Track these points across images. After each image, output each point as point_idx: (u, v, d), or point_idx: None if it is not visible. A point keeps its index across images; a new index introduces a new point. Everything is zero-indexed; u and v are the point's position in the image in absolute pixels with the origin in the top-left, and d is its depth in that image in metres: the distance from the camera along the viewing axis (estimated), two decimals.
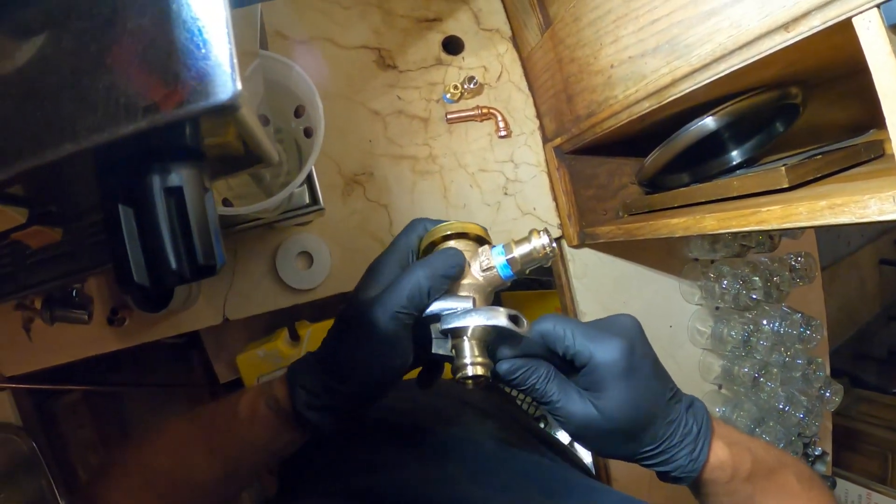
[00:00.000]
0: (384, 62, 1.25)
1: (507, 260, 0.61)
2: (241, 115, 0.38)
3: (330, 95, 1.21)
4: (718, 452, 0.64)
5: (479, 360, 0.56)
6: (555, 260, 1.32)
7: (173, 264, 0.44)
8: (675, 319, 1.38)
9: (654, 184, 1.16)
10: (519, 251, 0.61)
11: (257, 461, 0.68)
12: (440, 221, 0.66)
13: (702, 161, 1.08)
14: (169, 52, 0.37)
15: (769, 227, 0.75)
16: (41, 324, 1.10)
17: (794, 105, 0.92)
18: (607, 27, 0.95)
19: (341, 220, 1.19)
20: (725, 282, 1.30)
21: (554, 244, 0.61)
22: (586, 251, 1.30)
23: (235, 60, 0.36)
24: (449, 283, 0.60)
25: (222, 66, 0.36)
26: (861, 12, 0.57)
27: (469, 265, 0.62)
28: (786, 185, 0.80)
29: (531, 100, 1.30)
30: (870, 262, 3.02)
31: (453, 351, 0.58)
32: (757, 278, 1.30)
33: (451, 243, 0.63)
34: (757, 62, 0.71)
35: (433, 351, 0.62)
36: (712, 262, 1.37)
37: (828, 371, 1.47)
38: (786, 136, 1.00)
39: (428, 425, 0.86)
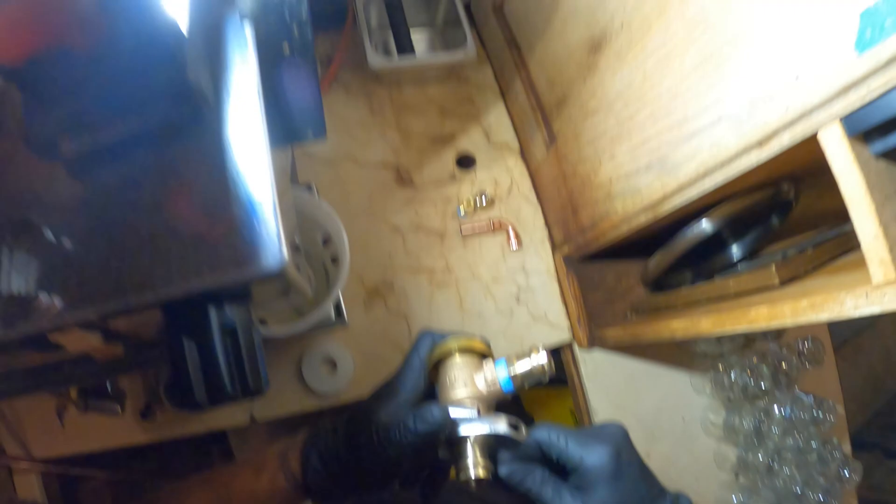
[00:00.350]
0: (402, 179, 1.35)
1: (508, 377, 0.68)
2: (286, 273, 0.47)
3: (352, 211, 1.30)
4: None
5: (482, 462, 0.64)
6: (567, 362, 1.37)
7: (229, 389, 0.52)
8: (687, 412, 1.41)
9: (659, 284, 1.21)
10: (519, 368, 0.68)
11: None
12: (446, 335, 0.73)
13: (705, 257, 1.13)
14: (228, 224, 0.46)
15: (759, 327, 0.81)
16: (74, 411, 1.15)
17: (788, 199, 0.96)
18: (604, 145, 1.04)
19: (364, 329, 1.26)
20: (734, 373, 1.34)
21: (552, 365, 0.69)
22: (597, 352, 1.35)
23: (283, 235, 0.45)
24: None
25: (272, 240, 0.45)
26: (825, 126, 0.64)
27: (474, 377, 0.69)
28: (777, 283, 0.87)
29: (540, 210, 1.38)
30: (893, 330, 2.98)
31: (458, 454, 0.65)
32: (765, 367, 1.33)
33: (457, 357, 0.70)
34: (739, 175, 0.78)
35: (440, 455, 0.69)
36: (721, 354, 1.41)
37: (848, 450, 1.46)
38: (786, 225, 1.05)
39: None
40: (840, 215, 1.03)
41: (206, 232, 0.46)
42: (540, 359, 0.67)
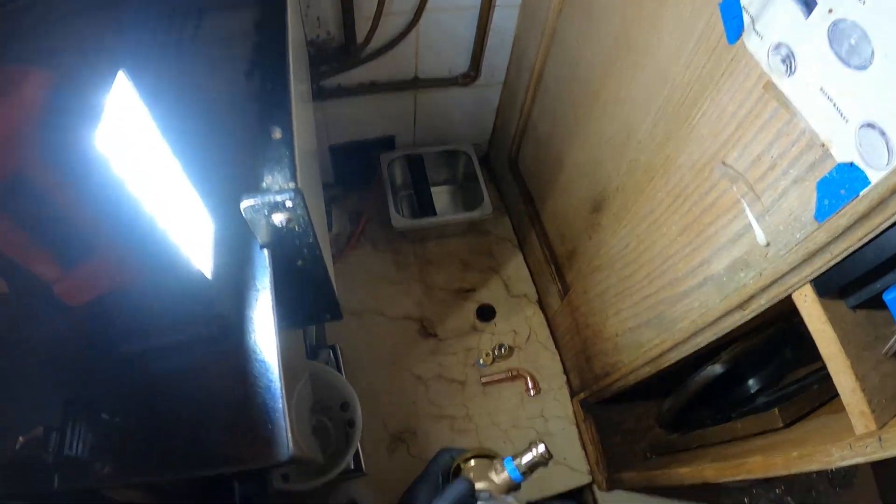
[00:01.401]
0: (426, 331, 1.42)
1: (516, 469, 0.77)
2: (294, 460, 0.54)
3: (378, 361, 1.37)
4: None
5: None
6: (588, 501, 1.37)
7: None
8: None
9: (677, 423, 1.23)
10: (524, 460, 0.77)
11: None
12: (462, 450, 0.82)
13: (723, 393, 1.13)
14: (248, 423, 0.54)
15: (756, 476, 0.83)
16: None
17: (800, 331, 0.98)
18: (610, 300, 1.10)
19: (387, 473, 1.29)
20: None
21: (550, 452, 0.77)
22: (618, 492, 1.35)
23: (290, 434, 0.53)
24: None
25: (282, 437, 0.53)
26: (797, 289, 0.68)
27: (488, 474, 0.78)
28: (780, 426, 0.89)
29: (558, 357, 1.43)
30: None
31: None
32: (790, 497, 1.32)
33: (472, 463, 0.80)
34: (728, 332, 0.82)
35: None
36: (747, 485, 1.38)
37: None
38: (803, 351, 1.04)
39: None
40: None
41: (229, 424, 0.55)
42: (539, 449, 0.76)
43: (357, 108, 1.44)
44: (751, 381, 1.10)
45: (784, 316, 0.93)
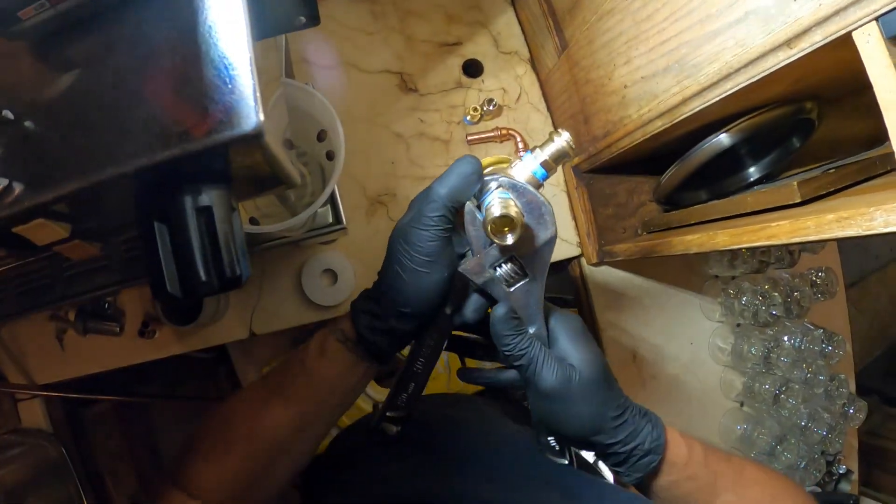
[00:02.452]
0: (406, 86, 1.29)
1: (539, 165, 0.67)
2: (265, 142, 0.42)
3: (354, 119, 1.25)
4: (672, 433, 0.69)
5: (514, 205, 0.60)
6: (576, 277, 1.34)
7: (203, 276, 0.48)
8: (695, 337, 1.39)
9: (672, 201, 1.17)
10: (548, 152, 0.67)
11: (330, 406, 0.72)
12: None
13: (720, 177, 1.08)
14: (199, 87, 0.41)
15: (779, 242, 0.76)
16: (74, 335, 1.14)
17: (810, 119, 0.92)
18: (619, 49, 0.97)
19: (365, 240, 1.22)
20: (745, 298, 1.31)
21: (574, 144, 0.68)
22: (606, 269, 1.31)
23: (258, 94, 0.40)
24: (470, 184, 0.64)
25: (247, 100, 0.40)
26: (860, 26, 0.58)
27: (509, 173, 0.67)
28: (798, 200, 0.81)
29: (550, 120, 1.32)
30: None
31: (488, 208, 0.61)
32: (777, 294, 1.30)
33: (489, 169, 0.70)
34: (764, 79, 0.72)
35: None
36: (733, 278, 1.37)
37: (852, 388, 1.45)
38: (806, 149, 1.00)
39: (450, 435, 0.89)
40: (864, 143, 0.99)
41: (173, 97, 0.42)
42: (564, 137, 0.67)
43: None
44: (751, 169, 1.05)
45: (799, 98, 0.86)
